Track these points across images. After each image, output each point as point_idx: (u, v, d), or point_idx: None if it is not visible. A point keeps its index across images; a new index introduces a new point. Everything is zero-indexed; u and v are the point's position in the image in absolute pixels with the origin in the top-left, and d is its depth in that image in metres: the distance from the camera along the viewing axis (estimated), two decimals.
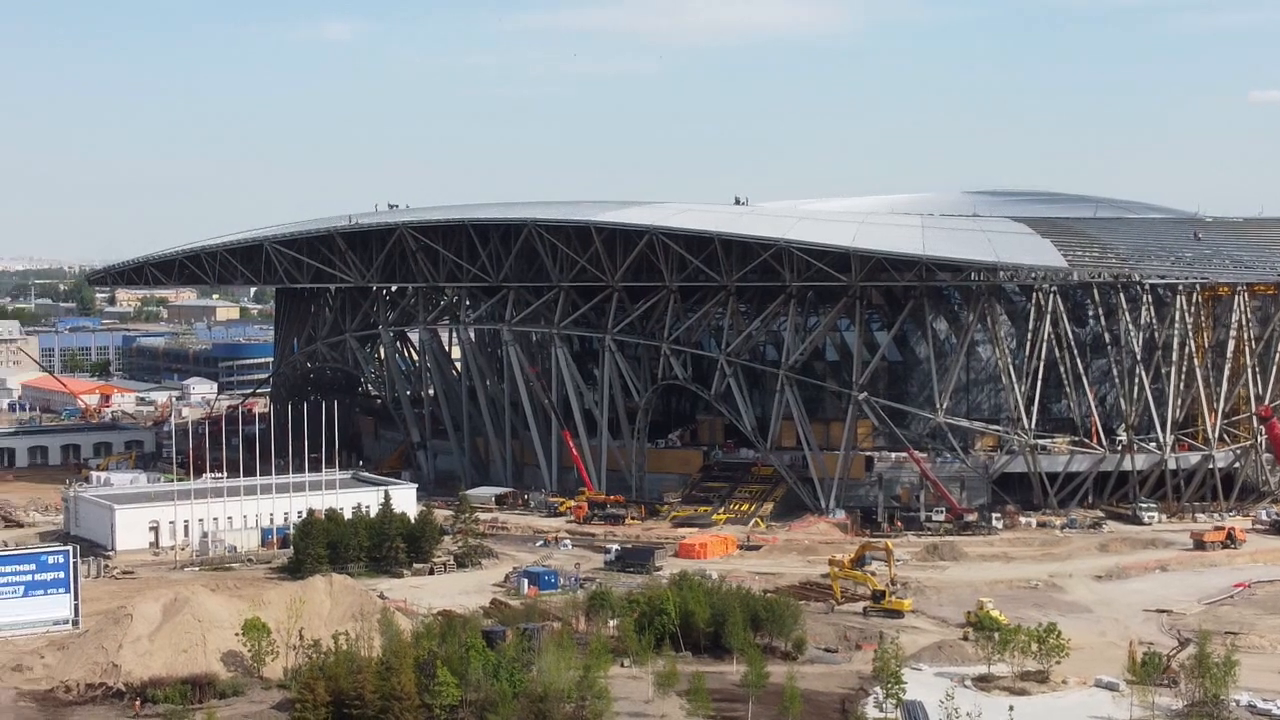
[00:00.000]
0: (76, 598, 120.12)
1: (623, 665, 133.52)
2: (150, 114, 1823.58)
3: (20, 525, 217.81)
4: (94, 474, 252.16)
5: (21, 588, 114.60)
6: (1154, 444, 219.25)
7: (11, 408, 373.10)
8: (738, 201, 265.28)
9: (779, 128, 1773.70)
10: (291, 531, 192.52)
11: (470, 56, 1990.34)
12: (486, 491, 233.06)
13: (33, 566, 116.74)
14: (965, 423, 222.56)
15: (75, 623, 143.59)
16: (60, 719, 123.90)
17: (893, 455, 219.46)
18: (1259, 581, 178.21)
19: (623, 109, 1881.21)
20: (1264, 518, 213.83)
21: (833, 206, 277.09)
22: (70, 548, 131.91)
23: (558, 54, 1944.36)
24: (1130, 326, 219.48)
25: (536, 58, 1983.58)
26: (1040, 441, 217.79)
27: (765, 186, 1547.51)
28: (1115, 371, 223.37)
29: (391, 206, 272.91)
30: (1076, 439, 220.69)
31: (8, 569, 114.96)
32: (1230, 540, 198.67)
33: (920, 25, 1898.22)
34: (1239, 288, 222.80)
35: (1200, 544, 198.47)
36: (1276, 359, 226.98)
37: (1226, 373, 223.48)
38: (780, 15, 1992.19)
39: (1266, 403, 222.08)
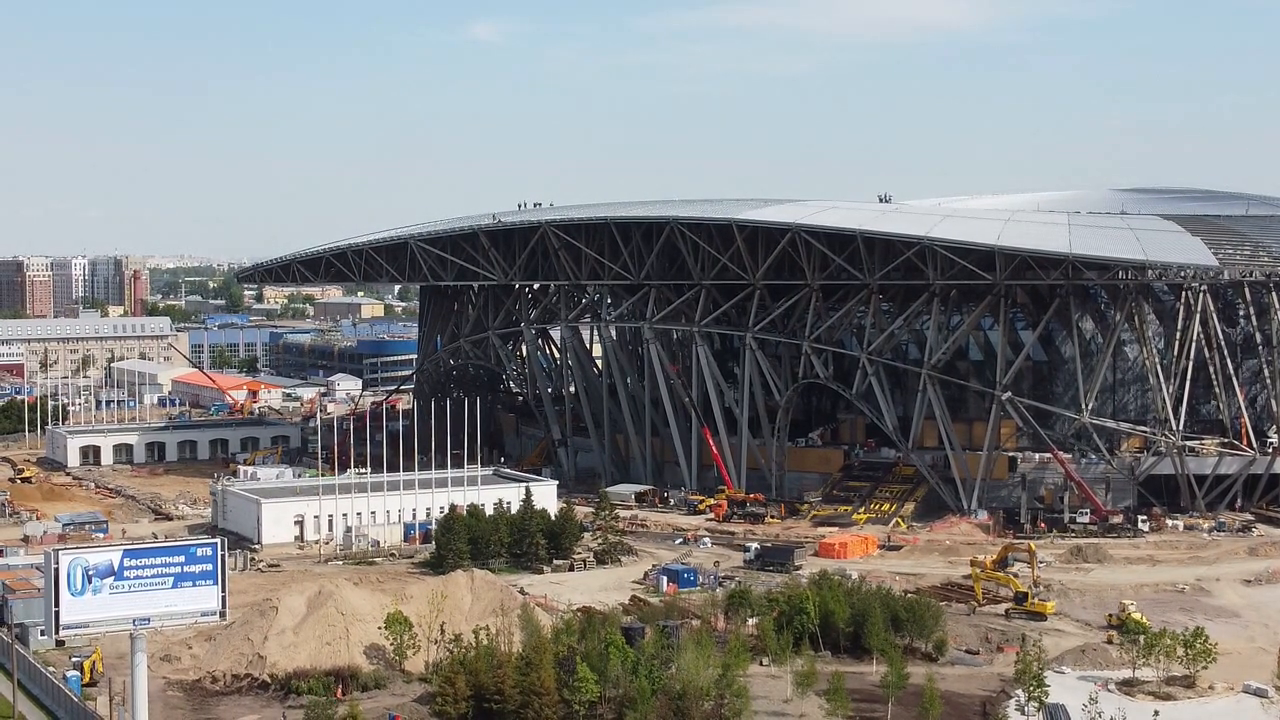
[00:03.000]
0: (224, 590, 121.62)
1: (761, 664, 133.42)
2: (299, 115, 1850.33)
3: (170, 518, 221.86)
4: (241, 468, 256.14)
5: (170, 579, 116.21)
6: None
7: (162, 403, 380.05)
8: (882, 199, 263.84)
9: (929, 126, 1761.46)
10: (433, 527, 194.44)
11: (621, 56, 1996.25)
12: (627, 489, 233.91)
13: (181, 559, 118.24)
14: (1111, 423, 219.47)
15: (222, 614, 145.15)
16: (207, 709, 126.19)
17: (1037, 456, 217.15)
18: None
19: (774, 107, 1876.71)
20: None
21: (978, 204, 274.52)
22: (218, 540, 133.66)
23: (711, 52, 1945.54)
24: None
25: (690, 56, 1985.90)
26: (1188, 443, 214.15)
27: (914, 185, 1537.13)
28: (1267, 372, 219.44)
29: (535, 205, 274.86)
30: (1226, 441, 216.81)
31: (157, 561, 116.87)
32: None
33: (1069, 21, 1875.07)
34: None
35: None
36: None
37: None
38: (935, 13, 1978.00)
39: None
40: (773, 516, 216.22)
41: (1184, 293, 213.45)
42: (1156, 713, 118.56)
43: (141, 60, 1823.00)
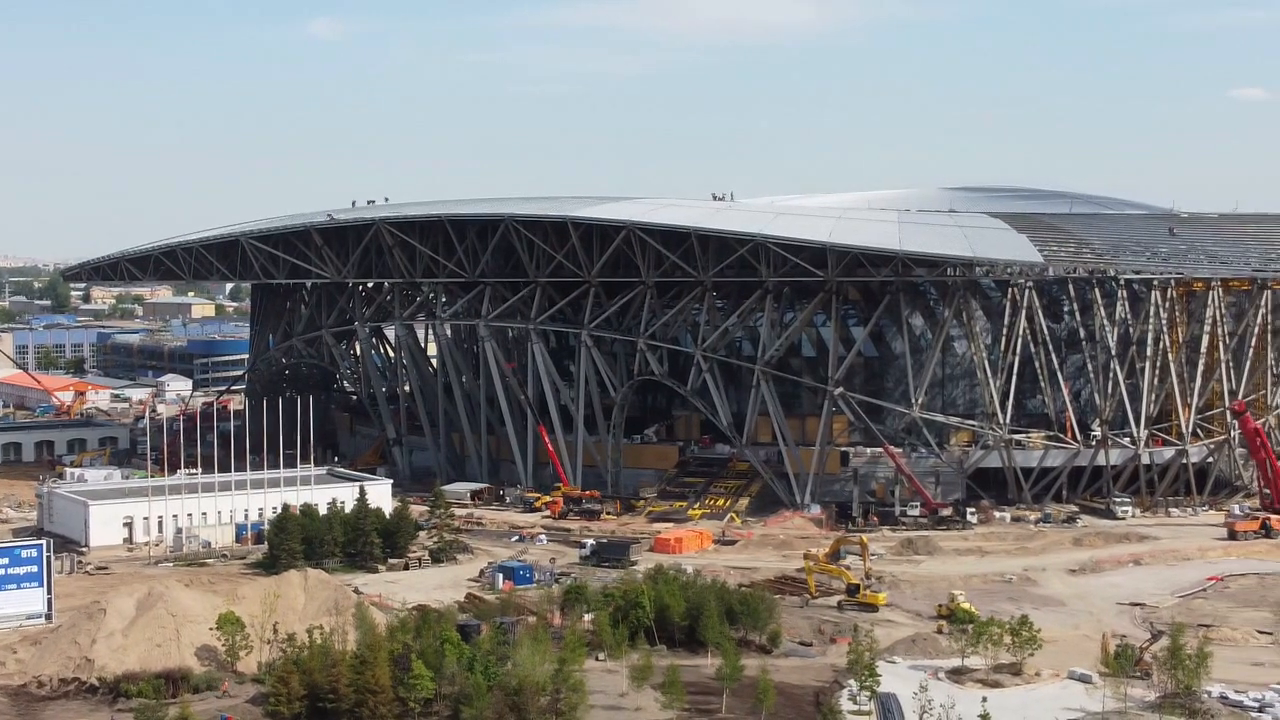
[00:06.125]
0: (50, 592, 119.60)
1: (598, 659, 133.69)
2: (129, 110, 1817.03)
3: None
4: (68, 470, 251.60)
5: None
6: (1128, 439, 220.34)
7: None
8: (716, 197, 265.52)
9: (764, 125, 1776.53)
10: (266, 527, 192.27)
11: (462, 55, 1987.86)
12: (462, 487, 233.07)
13: (5, 561, 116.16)
14: (941, 418, 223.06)
15: (49, 617, 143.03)
16: (34, 714, 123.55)
17: (868, 450, 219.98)
18: (1232, 575, 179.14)
19: (612, 107, 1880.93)
20: (1236, 512, 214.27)
21: (811, 203, 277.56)
22: (44, 542, 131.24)
23: (554, 52, 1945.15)
24: (1105, 322, 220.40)
25: (532, 56, 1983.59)
26: (1015, 436, 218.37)
27: (749, 184, 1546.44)
28: (1090, 367, 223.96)
29: (369, 203, 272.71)
30: (1051, 434, 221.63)
31: None
32: (1266, 530, 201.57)
33: (904, 24, 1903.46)
34: (1213, 283, 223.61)
35: (1233, 534, 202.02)
36: (1250, 354, 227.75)
37: (1200, 368, 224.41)
38: (773, 15, 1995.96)
39: (1240, 397, 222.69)
40: (609, 513, 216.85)
41: (1010, 289, 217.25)
42: (985, 699, 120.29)
43: None
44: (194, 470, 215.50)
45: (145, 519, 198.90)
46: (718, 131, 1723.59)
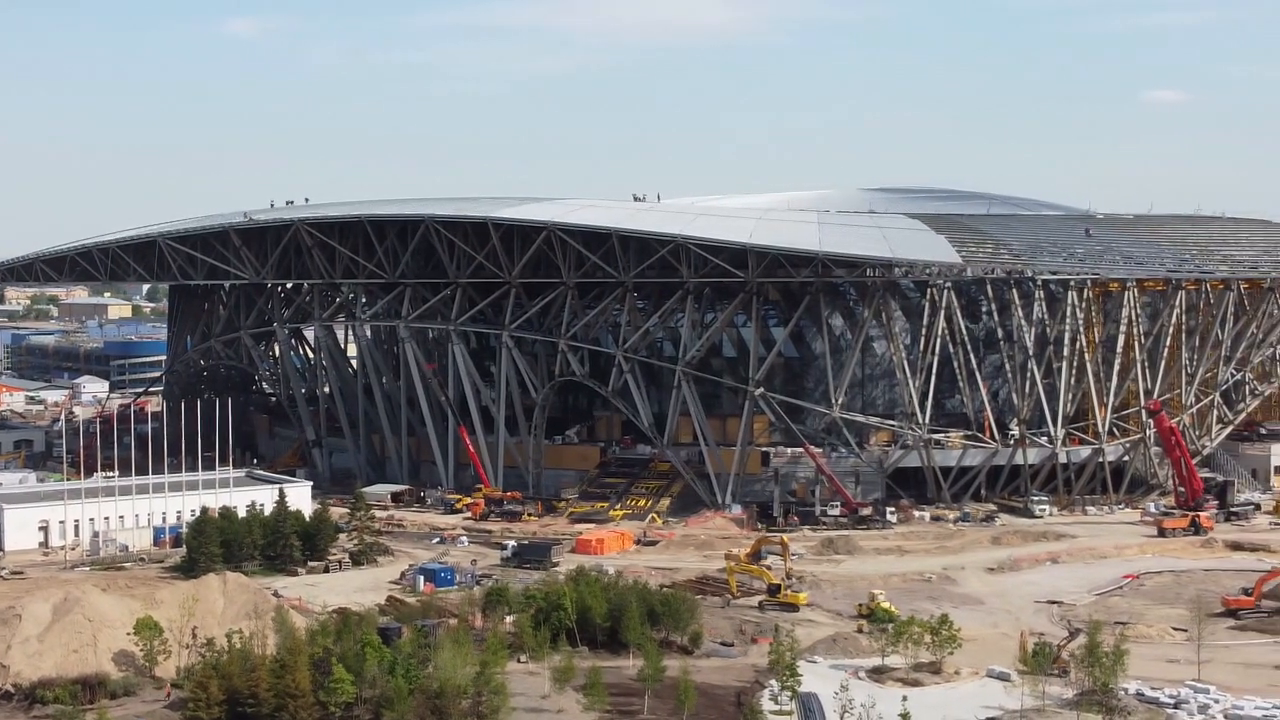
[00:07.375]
0: None
1: (520, 661, 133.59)
2: (41, 108, 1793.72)
3: None
4: None
5: None
6: (1046, 438, 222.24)
7: None
8: (637, 198, 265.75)
9: (687, 126, 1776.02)
10: (184, 530, 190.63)
11: (384, 54, 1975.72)
12: (383, 489, 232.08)
13: None
14: (861, 418, 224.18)
15: None
16: None
17: (789, 450, 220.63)
18: (1148, 573, 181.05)
19: (534, 107, 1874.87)
20: (1153, 510, 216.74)
21: (732, 204, 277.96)
22: None
23: (475, 52, 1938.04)
24: (1023, 322, 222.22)
25: (454, 56, 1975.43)
26: (934, 436, 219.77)
27: (673, 184, 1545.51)
28: (1008, 366, 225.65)
29: (288, 203, 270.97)
30: (970, 433, 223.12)
31: None
32: (1195, 528, 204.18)
33: (820, 24, 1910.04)
34: (1129, 284, 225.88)
35: (1162, 531, 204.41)
36: (1165, 354, 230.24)
37: (1116, 367, 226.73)
38: (693, 16, 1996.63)
39: (1155, 397, 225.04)
40: (530, 514, 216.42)
41: (929, 289, 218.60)
42: (905, 698, 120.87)
43: None
44: (111, 473, 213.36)
45: (61, 522, 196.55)
46: (641, 132, 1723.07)
